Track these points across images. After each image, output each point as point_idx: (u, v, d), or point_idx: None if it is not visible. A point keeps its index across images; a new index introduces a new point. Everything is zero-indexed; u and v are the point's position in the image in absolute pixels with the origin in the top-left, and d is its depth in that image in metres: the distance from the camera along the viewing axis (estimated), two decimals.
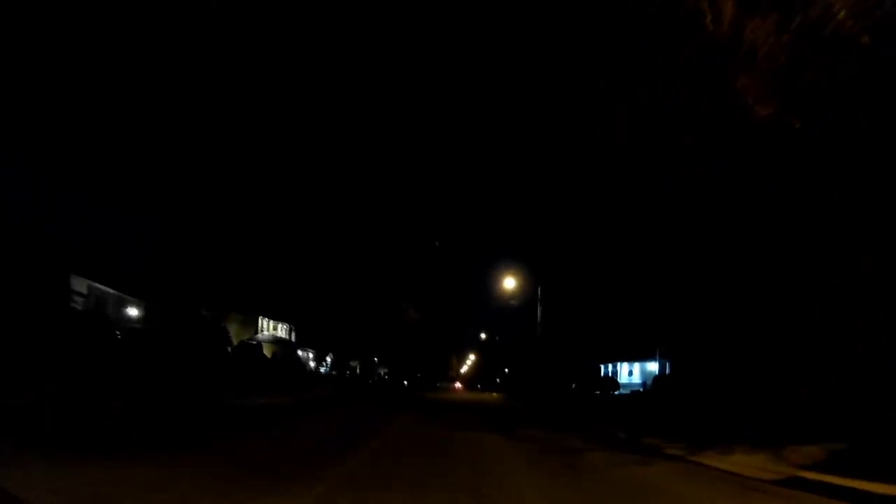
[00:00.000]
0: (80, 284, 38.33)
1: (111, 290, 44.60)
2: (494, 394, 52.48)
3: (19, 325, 19.58)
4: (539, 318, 44.47)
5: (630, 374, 57.44)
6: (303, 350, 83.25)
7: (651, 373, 50.83)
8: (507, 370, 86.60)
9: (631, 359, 57.14)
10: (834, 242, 16.77)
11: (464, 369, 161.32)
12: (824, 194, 16.70)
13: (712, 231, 21.20)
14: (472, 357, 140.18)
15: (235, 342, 46.97)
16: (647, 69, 17.68)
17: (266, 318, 79.13)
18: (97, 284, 42.96)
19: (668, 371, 41.00)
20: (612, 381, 53.32)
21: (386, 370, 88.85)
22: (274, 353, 61.27)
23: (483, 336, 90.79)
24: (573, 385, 52.46)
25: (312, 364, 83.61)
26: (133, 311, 45.42)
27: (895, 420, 12.78)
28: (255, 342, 49.23)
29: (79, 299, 37.72)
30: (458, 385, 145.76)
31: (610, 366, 64.24)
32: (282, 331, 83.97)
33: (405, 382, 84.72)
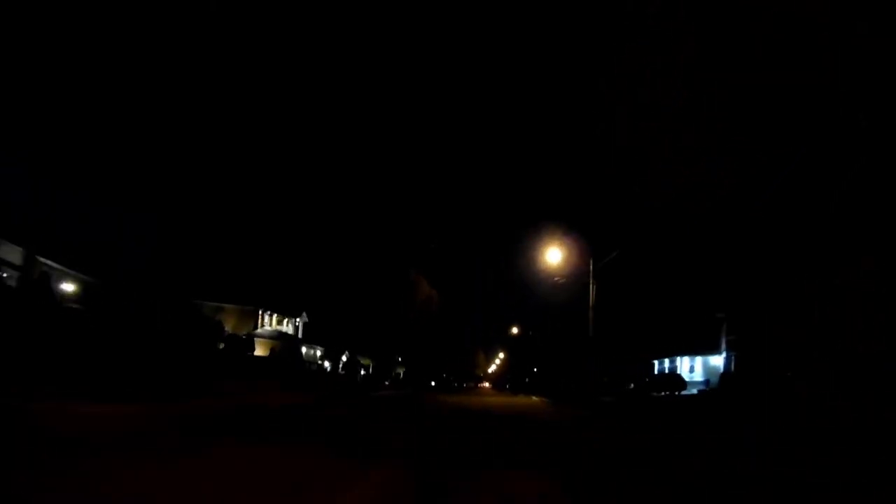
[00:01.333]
0: (12, 253, 33.13)
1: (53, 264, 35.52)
2: (534, 397, 42.09)
3: None
4: (592, 301, 34.36)
5: (691, 370, 49.55)
6: (310, 347, 74.15)
7: (714, 368, 44.98)
8: (535, 369, 77.49)
9: (692, 352, 49.71)
10: (834, 242, 17.07)
11: (492, 368, 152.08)
12: (824, 194, 17.02)
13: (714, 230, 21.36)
14: (501, 356, 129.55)
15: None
16: (647, 69, 18.15)
17: (268, 312, 71.34)
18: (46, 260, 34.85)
19: (733, 366, 38.06)
20: (677, 379, 43.17)
21: (404, 369, 79.27)
22: (271, 350, 54.06)
23: (515, 331, 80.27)
24: (630, 385, 42.67)
25: (322, 363, 74.45)
26: (70, 288, 36.00)
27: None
28: (244, 336, 44.19)
29: (12, 273, 31.76)
30: (486, 384, 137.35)
31: (666, 361, 55.39)
32: (289, 326, 76.09)
33: (433, 383, 77.86)
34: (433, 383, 78.59)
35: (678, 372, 49.93)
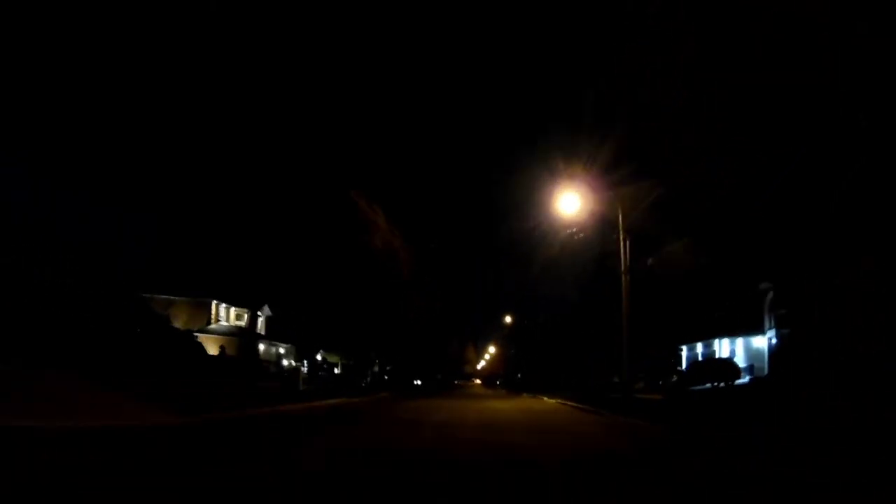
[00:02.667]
0: None
1: None
2: (546, 397, 31.73)
3: None
4: (624, 263, 24.66)
5: (732, 354, 41.05)
6: (271, 344, 63.84)
7: (758, 351, 38.79)
8: (533, 363, 67.95)
9: (731, 333, 41.90)
10: (834, 242, 17.10)
11: (481, 364, 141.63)
12: (824, 194, 17.08)
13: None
14: (491, 350, 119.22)
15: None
16: (647, 69, 18.13)
17: (223, 304, 62.29)
18: None
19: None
20: (729, 366, 34.44)
21: (388, 367, 68.86)
22: (221, 349, 47.98)
23: (509, 320, 69.70)
24: (673, 378, 32.95)
25: (288, 362, 63.97)
26: None
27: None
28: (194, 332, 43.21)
29: None
30: (477, 381, 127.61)
31: (699, 346, 46.67)
32: (255, 321, 66.11)
33: (418, 382, 69.80)
34: (418, 382, 70.22)
35: (718, 357, 41.31)
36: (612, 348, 44.77)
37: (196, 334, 54.80)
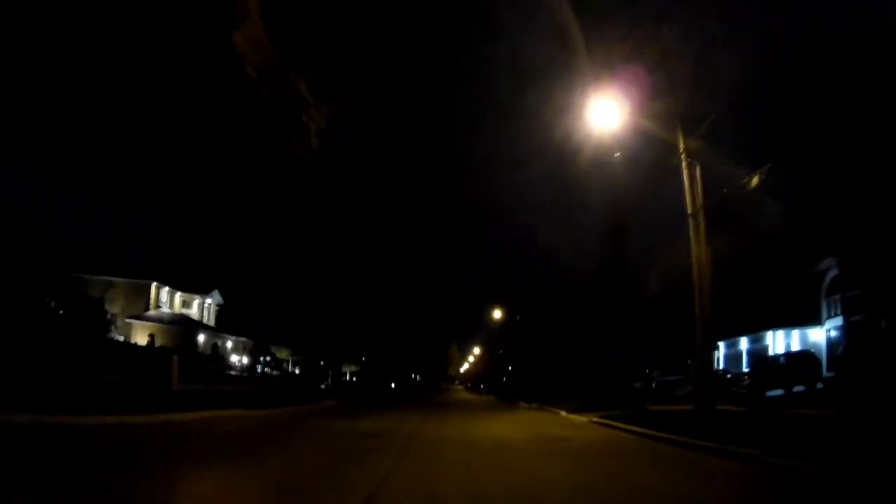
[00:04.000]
0: None
1: None
2: (563, 411, 21.12)
3: None
4: (695, 201, 15.03)
5: (787, 349, 33.87)
6: (217, 336, 53.83)
7: (815, 345, 32.48)
8: (521, 362, 58.09)
9: (784, 324, 35.44)
10: None
11: (465, 367, 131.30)
12: None
13: None
14: (476, 351, 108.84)
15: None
16: None
17: (165, 287, 53.54)
18: None
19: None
20: (811, 363, 26.14)
21: (357, 368, 58.86)
22: (150, 338, 42.60)
23: (498, 315, 59.53)
24: (745, 380, 24.08)
25: (238, 359, 53.91)
26: None
27: None
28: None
29: None
30: (460, 386, 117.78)
31: (743, 340, 39.00)
32: (202, 309, 56.14)
33: (393, 385, 60.68)
34: (393, 385, 61.01)
35: (770, 353, 34.04)
36: (626, 344, 35.61)
37: (130, 321, 47.17)
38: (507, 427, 15.06)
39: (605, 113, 16.66)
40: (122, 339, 44.44)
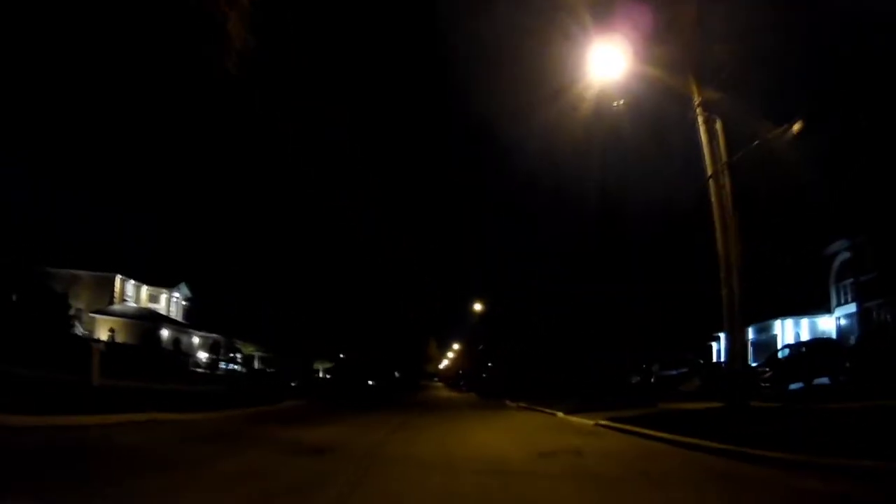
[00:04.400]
0: None
1: None
2: (561, 413, 18.02)
3: None
4: (718, 160, 12.45)
5: (796, 338, 31.84)
6: (182, 332, 50.57)
7: (824, 334, 30.69)
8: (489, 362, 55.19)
9: (793, 312, 33.53)
10: None
11: (444, 363, 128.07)
12: None
13: None
14: (455, 347, 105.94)
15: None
16: None
17: (130, 280, 50.86)
18: None
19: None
20: (833, 349, 23.70)
21: (331, 366, 55.67)
22: (111, 333, 41.76)
23: (478, 307, 56.59)
24: (766, 372, 21.47)
25: (206, 355, 50.51)
26: None
27: None
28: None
29: None
30: (440, 383, 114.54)
31: (748, 330, 33.64)
32: (169, 303, 52.86)
33: (370, 382, 57.92)
34: (371, 382, 58.32)
35: (785, 342, 31.12)
36: (621, 338, 33.06)
37: (94, 315, 45.04)
38: (498, 436, 11.99)
39: (607, 60, 14.00)
40: (86, 334, 41.70)
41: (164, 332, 45.55)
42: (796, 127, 12.44)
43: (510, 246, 41.82)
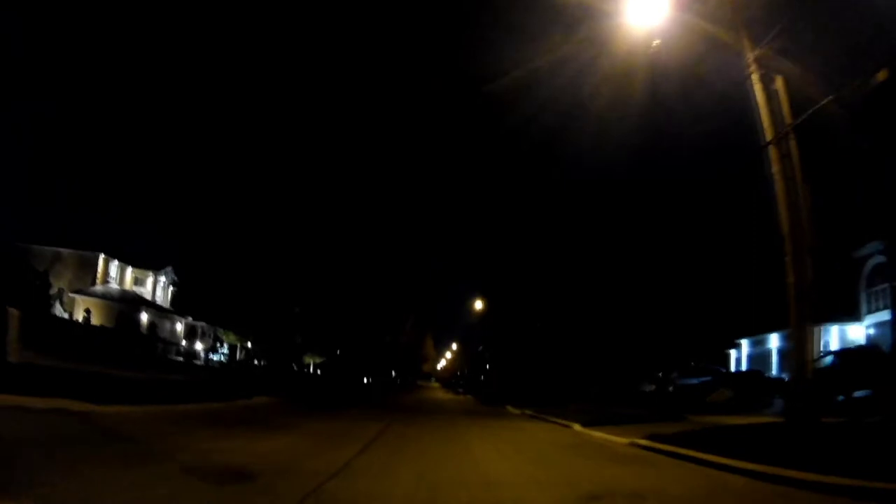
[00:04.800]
0: None
1: None
2: (578, 425, 14.87)
3: None
4: (769, 123, 11.14)
5: (825, 347, 27.26)
6: (165, 317, 47.69)
7: (853, 343, 27.28)
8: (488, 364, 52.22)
9: (820, 319, 24.69)
10: None
11: (441, 364, 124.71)
12: None
13: None
14: (454, 347, 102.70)
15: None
16: None
17: (116, 261, 49.43)
18: None
19: None
20: (877, 357, 20.48)
21: (326, 359, 52.55)
22: (86, 314, 39.59)
23: (479, 306, 53.21)
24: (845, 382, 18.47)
25: (190, 344, 47.44)
26: None
27: None
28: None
29: None
30: (435, 382, 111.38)
31: (773, 337, 34.23)
32: (155, 287, 50.31)
33: (366, 380, 56.27)
34: (366, 380, 56.16)
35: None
36: (632, 339, 30.07)
37: (74, 295, 43.07)
38: (513, 463, 8.65)
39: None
40: (66, 315, 40.15)
41: (143, 317, 42.55)
42: (881, 75, 9.74)
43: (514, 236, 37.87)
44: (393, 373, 77.70)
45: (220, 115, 31.80)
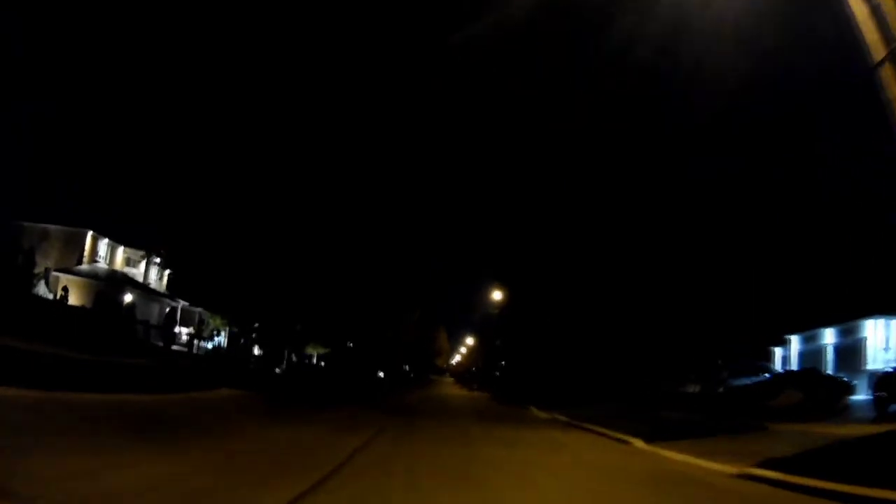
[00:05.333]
0: None
1: None
2: (637, 441, 10.89)
3: None
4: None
5: (887, 344, 25.23)
6: (153, 300, 44.36)
7: None
8: (505, 359, 48.26)
9: (886, 311, 25.50)
10: None
11: (456, 359, 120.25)
12: None
13: None
14: (469, 341, 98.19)
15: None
16: None
17: (105, 239, 45.59)
18: None
19: None
20: None
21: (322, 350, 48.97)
22: (63, 293, 35.31)
23: (498, 296, 48.75)
24: None
25: (186, 333, 43.99)
26: None
27: None
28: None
29: None
30: (449, 378, 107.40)
31: (828, 333, 29.30)
32: (149, 269, 48.49)
33: (381, 374, 54.37)
34: (381, 374, 54.41)
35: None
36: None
37: (57, 274, 40.53)
38: None
39: None
40: (51, 295, 36.90)
41: (125, 297, 39.13)
42: None
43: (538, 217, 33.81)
44: (406, 367, 74.15)
45: (223, 94, 29.94)
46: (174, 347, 34.17)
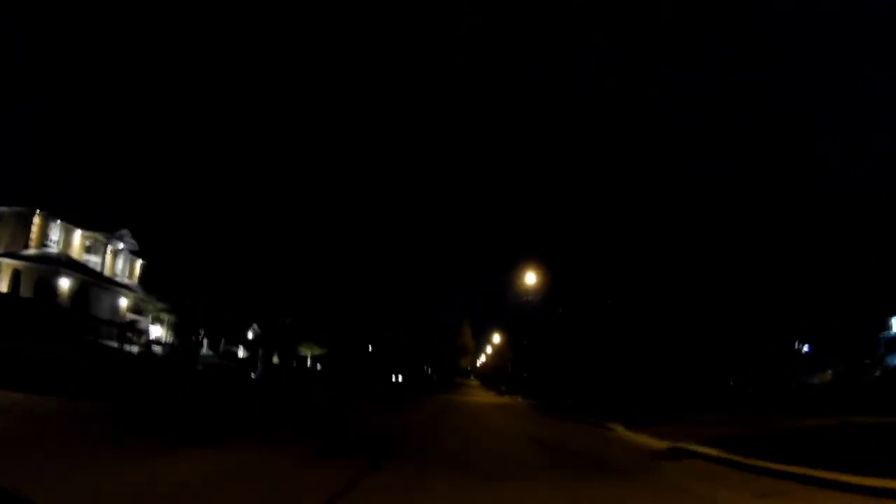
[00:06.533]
0: None
1: None
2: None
3: None
4: None
5: None
6: (106, 290, 37.75)
7: None
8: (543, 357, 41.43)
9: None
10: None
11: (482, 359, 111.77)
12: None
13: None
14: (496, 339, 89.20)
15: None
16: None
17: (58, 220, 40.02)
18: None
19: None
20: None
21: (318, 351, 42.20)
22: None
23: (531, 280, 40.64)
24: None
25: (156, 333, 37.47)
26: None
27: None
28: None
29: None
30: (474, 381, 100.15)
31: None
32: (108, 255, 42.40)
33: (398, 378, 51.09)
34: (398, 378, 51.29)
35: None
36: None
37: (2, 259, 36.99)
38: None
39: None
40: None
41: (64, 282, 32.76)
42: None
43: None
44: (428, 370, 69.46)
45: (223, 92, 30.33)
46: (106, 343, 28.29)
